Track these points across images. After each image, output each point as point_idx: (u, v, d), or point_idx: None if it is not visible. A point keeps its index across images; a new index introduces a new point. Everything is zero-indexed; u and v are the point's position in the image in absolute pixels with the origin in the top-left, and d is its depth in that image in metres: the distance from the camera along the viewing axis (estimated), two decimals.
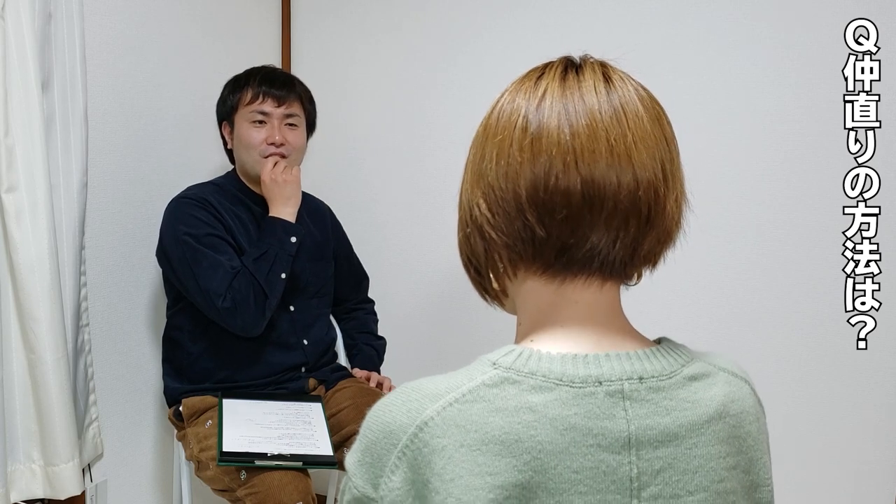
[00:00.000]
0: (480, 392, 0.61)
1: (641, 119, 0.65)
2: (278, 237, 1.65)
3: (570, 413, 0.61)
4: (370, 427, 0.64)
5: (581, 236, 0.64)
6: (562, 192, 0.63)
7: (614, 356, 0.64)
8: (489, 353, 0.65)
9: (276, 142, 1.71)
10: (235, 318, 1.59)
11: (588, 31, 1.95)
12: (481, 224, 0.67)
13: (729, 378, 0.69)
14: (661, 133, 0.66)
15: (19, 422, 1.52)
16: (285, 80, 1.78)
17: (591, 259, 0.65)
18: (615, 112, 0.64)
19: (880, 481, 1.77)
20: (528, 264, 0.68)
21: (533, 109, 0.65)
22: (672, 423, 0.63)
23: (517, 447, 0.59)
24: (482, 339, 2.07)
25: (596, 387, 0.62)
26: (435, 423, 0.60)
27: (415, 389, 0.63)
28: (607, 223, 0.64)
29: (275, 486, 1.45)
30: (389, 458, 0.61)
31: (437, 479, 0.59)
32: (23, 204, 1.45)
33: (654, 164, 0.64)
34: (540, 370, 0.62)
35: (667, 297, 1.92)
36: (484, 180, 0.67)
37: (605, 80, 0.67)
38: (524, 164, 0.64)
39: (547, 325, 0.68)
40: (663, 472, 0.63)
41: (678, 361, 0.67)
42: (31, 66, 1.44)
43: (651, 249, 0.67)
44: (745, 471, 0.67)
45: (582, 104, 0.65)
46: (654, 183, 0.64)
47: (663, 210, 0.66)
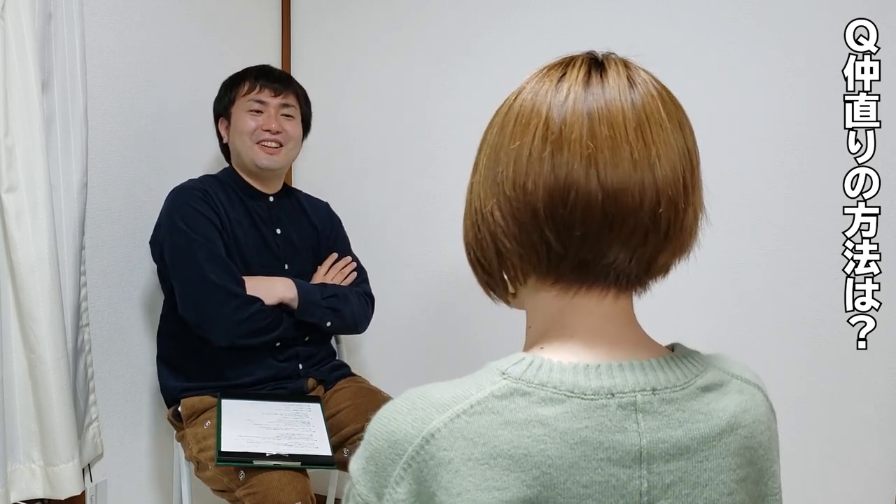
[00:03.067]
0: (489, 404, 0.59)
1: (665, 129, 0.63)
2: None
3: (582, 426, 0.59)
4: (375, 434, 0.62)
5: (598, 252, 0.63)
6: (581, 207, 0.61)
7: (627, 366, 0.63)
8: (498, 361, 0.63)
9: (273, 129, 1.73)
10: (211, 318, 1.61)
11: (588, 31, 1.95)
12: (495, 231, 0.65)
13: (742, 386, 0.68)
14: (684, 143, 0.64)
15: (19, 422, 1.52)
16: (282, 75, 1.82)
17: (606, 273, 0.64)
18: (640, 123, 0.62)
19: (880, 481, 1.77)
20: (541, 275, 0.66)
21: (554, 117, 0.62)
22: (684, 436, 0.62)
23: (526, 462, 0.58)
24: (482, 340, 2.07)
25: (608, 399, 0.60)
26: (442, 434, 0.59)
27: (421, 398, 0.61)
28: (626, 240, 0.62)
29: (273, 486, 1.45)
30: (394, 469, 0.60)
31: (443, 493, 0.58)
32: (23, 204, 1.45)
33: (675, 178, 0.63)
34: (551, 381, 0.60)
35: (667, 297, 1.91)
36: (499, 188, 0.64)
37: (630, 84, 0.64)
38: (542, 176, 0.62)
39: (558, 334, 0.66)
40: (674, 486, 0.62)
41: (692, 371, 0.66)
42: (31, 66, 1.44)
43: (666, 262, 0.66)
44: (755, 482, 0.67)
45: (606, 113, 0.62)
46: (675, 199, 0.63)
47: (682, 225, 0.64)
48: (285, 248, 1.81)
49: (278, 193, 1.84)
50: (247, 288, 1.64)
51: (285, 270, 1.79)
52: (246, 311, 1.61)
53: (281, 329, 1.68)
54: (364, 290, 1.88)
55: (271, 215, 1.81)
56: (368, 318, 1.86)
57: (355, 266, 1.89)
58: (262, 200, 1.81)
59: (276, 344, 1.72)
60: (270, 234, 1.79)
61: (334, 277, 1.84)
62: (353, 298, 1.81)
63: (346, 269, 1.87)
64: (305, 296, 1.71)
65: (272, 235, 1.79)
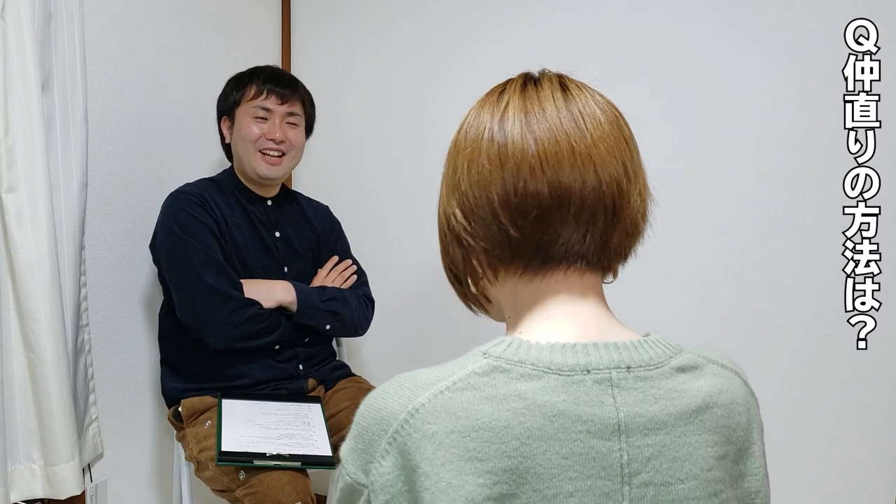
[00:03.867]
0: (471, 380, 0.63)
1: (599, 121, 0.69)
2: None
3: (559, 399, 0.62)
4: (363, 414, 0.66)
5: (553, 233, 0.68)
6: (531, 194, 0.67)
7: (602, 346, 0.66)
8: (481, 345, 0.67)
9: (276, 138, 1.72)
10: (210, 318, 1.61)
11: (585, 32, 1.95)
12: (458, 232, 0.71)
13: (717, 370, 0.70)
14: (620, 133, 0.70)
15: (19, 422, 1.51)
16: (290, 80, 1.80)
17: (565, 253, 0.69)
18: (573, 117, 0.69)
19: (880, 481, 1.77)
20: (508, 265, 0.71)
21: (497, 121, 0.70)
22: (660, 412, 0.64)
23: (506, 433, 0.60)
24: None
25: (584, 375, 0.63)
26: (426, 409, 0.62)
27: (408, 378, 0.65)
28: (576, 219, 0.68)
29: (274, 486, 1.45)
30: (380, 443, 0.63)
31: (426, 464, 0.60)
32: (23, 204, 1.45)
33: (614, 162, 0.68)
34: (529, 359, 0.64)
35: (667, 297, 1.92)
36: (458, 191, 0.71)
37: (563, 90, 0.71)
38: (494, 172, 0.68)
39: (534, 317, 0.70)
40: (654, 460, 0.63)
41: (666, 353, 0.68)
42: (31, 66, 1.44)
43: (621, 242, 0.71)
44: (734, 461, 0.68)
45: (542, 112, 0.69)
46: (617, 178, 0.68)
47: (628, 203, 0.69)
48: (284, 251, 1.81)
49: (276, 197, 1.84)
50: (245, 291, 1.64)
51: (284, 273, 1.78)
52: (243, 314, 1.61)
53: (279, 332, 1.67)
54: (364, 292, 1.88)
55: (270, 218, 1.81)
56: (368, 321, 1.85)
57: (355, 269, 1.89)
58: (261, 204, 1.81)
59: (276, 346, 1.72)
60: (270, 237, 1.79)
61: (334, 280, 1.84)
62: (353, 301, 1.81)
63: (346, 272, 1.87)
64: (304, 299, 1.71)
65: (271, 238, 1.79)
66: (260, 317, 1.64)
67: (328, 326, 1.75)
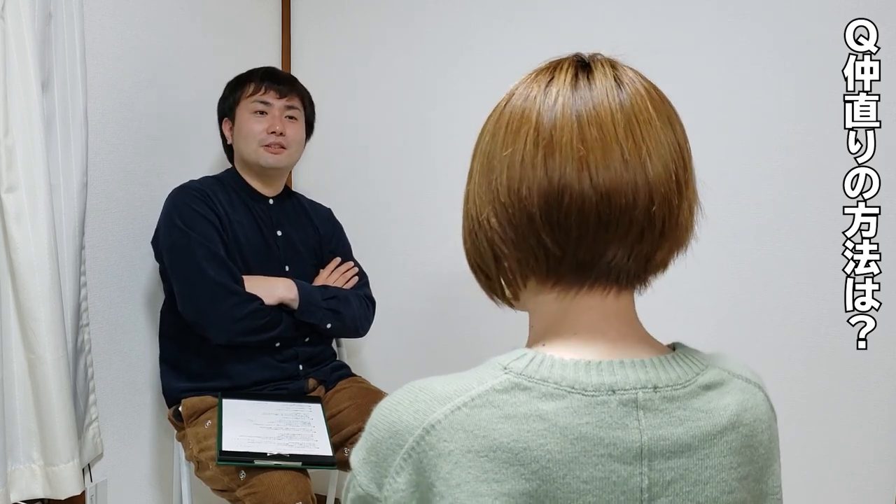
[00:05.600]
0: (490, 397, 0.60)
1: (654, 126, 0.64)
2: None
3: (582, 422, 0.59)
4: (376, 425, 0.63)
5: (596, 253, 0.63)
6: (576, 210, 0.62)
7: (629, 364, 0.63)
8: (500, 356, 0.63)
9: (277, 130, 1.74)
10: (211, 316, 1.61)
11: (588, 31, 1.95)
12: (492, 238, 0.66)
13: (743, 385, 0.68)
14: (675, 139, 0.65)
15: (19, 422, 1.52)
16: (287, 78, 1.83)
17: (606, 272, 0.65)
18: (628, 122, 0.63)
19: (880, 481, 1.77)
20: (541, 278, 0.66)
21: (544, 122, 0.63)
22: (685, 434, 0.62)
23: (525, 455, 0.58)
24: (483, 340, 2.07)
25: (609, 395, 0.61)
26: (442, 426, 0.59)
27: (423, 390, 0.62)
28: (622, 239, 0.63)
29: (274, 486, 1.45)
30: (395, 459, 0.60)
31: (442, 484, 0.58)
32: (23, 204, 1.45)
33: (667, 175, 0.63)
34: (552, 377, 0.61)
35: (667, 297, 1.92)
36: (494, 195, 0.65)
37: (617, 84, 0.65)
38: (536, 181, 0.62)
39: (560, 331, 0.66)
40: (675, 483, 0.62)
41: (693, 369, 0.66)
42: (31, 66, 1.44)
43: (664, 258, 0.67)
44: (756, 480, 0.67)
45: (595, 115, 0.63)
46: (668, 196, 0.63)
47: (677, 221, 0.65)
48: (286, 250, 1.81)
49: (279, 196, 1.85)
50: (247, 287, 1.64)
51: (286, 272, 1.79)
52: (244, 309, 1.61)
53: (280, 329, 1.68)
54: (365, 293, 1.88)
55: (272, 217, 1.81)
56: (369, 322, 1.86)
57: (357, 270, 1.90)
58: (263, 202, 1.81)
59: (276, 344, 1.72)
60: (272, 235, 1.79)
61: (336, 281, 1.84)
62: (354, 301, 1.81)
63: (347, 273, 1.87)
64: (306, 296, 1.71)
65: (273, 237, 1.79)
66: (261, 312, 1.64)
67: (329, 325, 1.75)
